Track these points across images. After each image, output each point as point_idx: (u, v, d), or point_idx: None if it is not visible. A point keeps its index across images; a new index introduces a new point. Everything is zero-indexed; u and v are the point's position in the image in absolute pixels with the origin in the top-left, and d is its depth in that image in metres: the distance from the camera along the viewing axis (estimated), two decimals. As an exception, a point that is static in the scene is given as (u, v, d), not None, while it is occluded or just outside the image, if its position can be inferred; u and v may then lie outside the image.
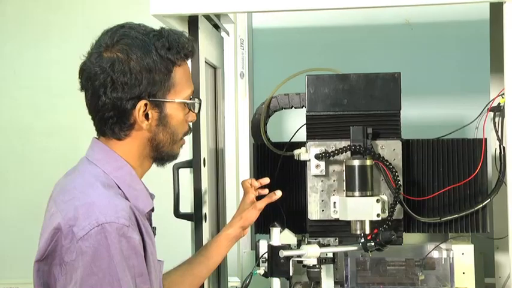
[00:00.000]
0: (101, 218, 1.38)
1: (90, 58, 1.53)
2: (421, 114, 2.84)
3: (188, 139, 1.98)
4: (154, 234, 1.68)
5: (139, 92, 1.50)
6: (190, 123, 1.68)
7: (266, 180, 2.02)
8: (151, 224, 1.66)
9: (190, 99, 1.62)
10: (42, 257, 1.45)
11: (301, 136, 2.19)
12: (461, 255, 2.22)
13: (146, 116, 1.53)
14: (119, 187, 1.52)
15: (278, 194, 1.98)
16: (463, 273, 2.22)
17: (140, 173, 1.60)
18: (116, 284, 1.37)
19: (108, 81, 1.49)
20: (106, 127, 1.54)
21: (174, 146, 1.61)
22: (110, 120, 1.52)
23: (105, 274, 1.37)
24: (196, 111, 1.65)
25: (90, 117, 1.58)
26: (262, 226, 2.26)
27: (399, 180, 2.05)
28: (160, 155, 1.60)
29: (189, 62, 1.75)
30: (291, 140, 2.28)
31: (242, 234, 1.99)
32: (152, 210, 1.64)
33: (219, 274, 2.24)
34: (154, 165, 1.65)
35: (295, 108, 2.31)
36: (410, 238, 2.27)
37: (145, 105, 1.51)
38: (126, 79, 1.49)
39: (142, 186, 1.59)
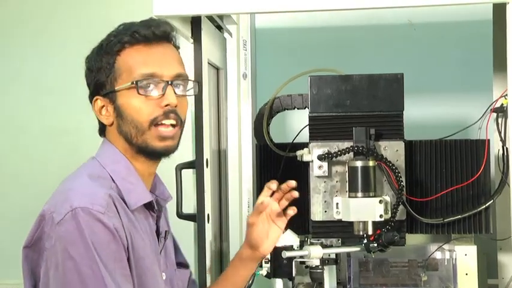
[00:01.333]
0: (75, 203, 1.41)
1: None
2: (424, 114, 2.83)
3: (191, 140, 1.98)
4: (166, 238, 1.68)
5: (93, 90, 1.58)
6: (173, 107, 1.54)
7: (292, 183, 1.81)
8: (158, 226, 1.66)
9: (143, 81, 1.51)
10: (30, 244, 1.47)
11: (304, 137, 2.19)
12: (464, 256, 2.22)
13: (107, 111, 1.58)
14: (113, 180, 1.54)
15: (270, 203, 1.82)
16: (466, 274, 2.21)
17: (139, 167, 1.59)
18: (94, 267, 1.38)
19: None
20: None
21: (145, 137, 1.53)
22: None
23: (83, 257, 1.38)
24: (153, 94, 1.52)
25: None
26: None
27: (402, 181, 2.05)
28: (137, 148, 1.56)
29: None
30: (294, 141, 2.28)
31: (257, 255, 1.85)
32: (154, 207, 1.62)
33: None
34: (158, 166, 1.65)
35: (297, 109, 2.31)
36: (413, 239, 2.26)
37: (100, 101, 1.57)
38: (87, 81, 1.60)
39: (138, 181, 1.58)
